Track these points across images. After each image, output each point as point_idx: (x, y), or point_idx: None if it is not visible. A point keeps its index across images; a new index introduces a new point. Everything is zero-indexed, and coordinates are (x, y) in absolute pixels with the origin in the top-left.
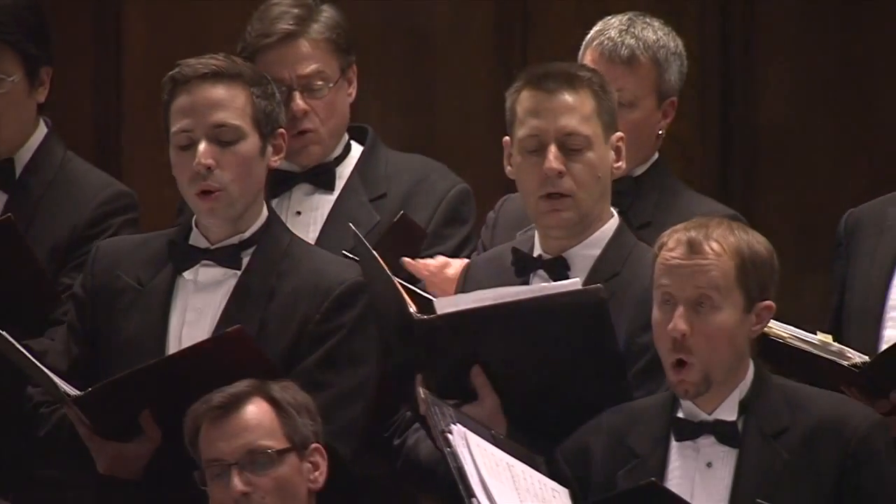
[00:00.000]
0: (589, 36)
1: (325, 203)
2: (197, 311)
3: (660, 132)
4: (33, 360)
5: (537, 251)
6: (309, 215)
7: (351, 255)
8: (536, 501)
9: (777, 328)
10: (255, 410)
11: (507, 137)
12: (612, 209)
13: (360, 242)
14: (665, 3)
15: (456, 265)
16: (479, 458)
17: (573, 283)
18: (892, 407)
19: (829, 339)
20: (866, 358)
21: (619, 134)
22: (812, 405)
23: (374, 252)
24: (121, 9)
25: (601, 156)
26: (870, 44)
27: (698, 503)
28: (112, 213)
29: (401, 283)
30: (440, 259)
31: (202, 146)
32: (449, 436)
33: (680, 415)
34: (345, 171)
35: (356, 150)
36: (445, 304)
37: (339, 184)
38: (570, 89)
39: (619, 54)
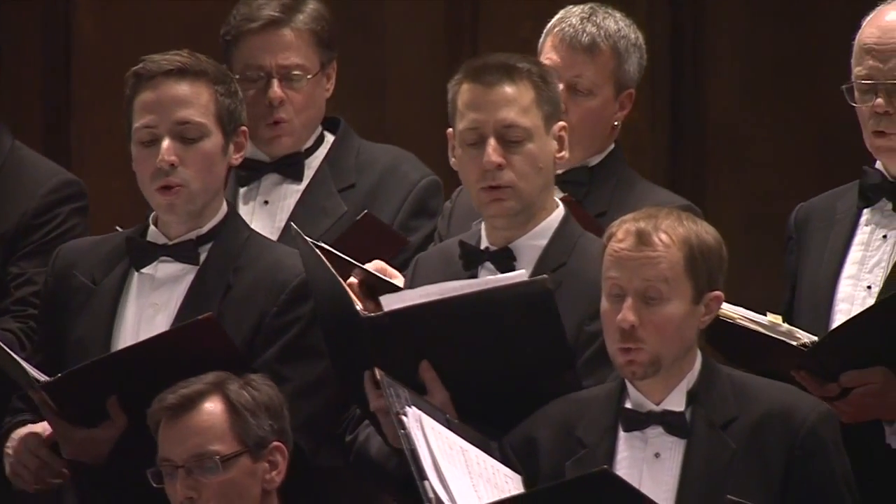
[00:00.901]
0: (550, 23)
1: (293, 193)
2: (155, 307)
3: (616, 123)
4: (2, 345)
5: (484, 243)
6: (276, 205)
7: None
8: (489, 486)
9: (727, 309)
10: (208, 412)
11: (450, 129)
12: (556, 199)
13: (301, 240)
14: None
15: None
16: (433, 440)
17: (519, 274)
18: (841, 391)
19: (778, 319)
20: (815, 338)
21: (561, 123)
22: (760, 395)
23: (317, 250)
24: None
25: (542, 146)
26: (820, 35)
27: (646, 493)
28: (60, 202)
29: (364, 269)
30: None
31: (166, 143)
32: (403, 418)
33: (628, 405)
34: (315, 162)
35: (328, 140)
36: (391, 301)
37: (309, 174)
38: (508, 81)
39: (580, 41)
